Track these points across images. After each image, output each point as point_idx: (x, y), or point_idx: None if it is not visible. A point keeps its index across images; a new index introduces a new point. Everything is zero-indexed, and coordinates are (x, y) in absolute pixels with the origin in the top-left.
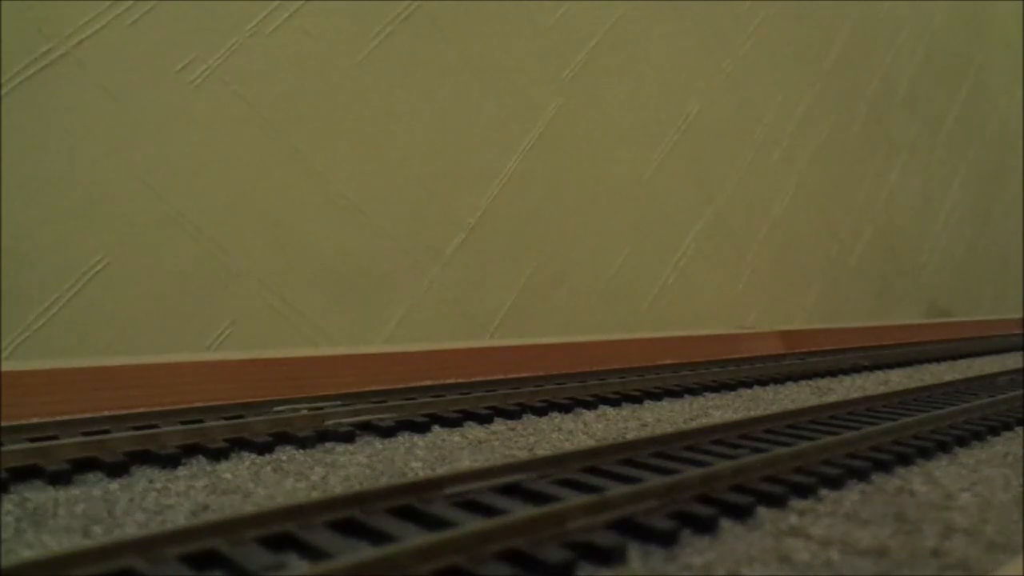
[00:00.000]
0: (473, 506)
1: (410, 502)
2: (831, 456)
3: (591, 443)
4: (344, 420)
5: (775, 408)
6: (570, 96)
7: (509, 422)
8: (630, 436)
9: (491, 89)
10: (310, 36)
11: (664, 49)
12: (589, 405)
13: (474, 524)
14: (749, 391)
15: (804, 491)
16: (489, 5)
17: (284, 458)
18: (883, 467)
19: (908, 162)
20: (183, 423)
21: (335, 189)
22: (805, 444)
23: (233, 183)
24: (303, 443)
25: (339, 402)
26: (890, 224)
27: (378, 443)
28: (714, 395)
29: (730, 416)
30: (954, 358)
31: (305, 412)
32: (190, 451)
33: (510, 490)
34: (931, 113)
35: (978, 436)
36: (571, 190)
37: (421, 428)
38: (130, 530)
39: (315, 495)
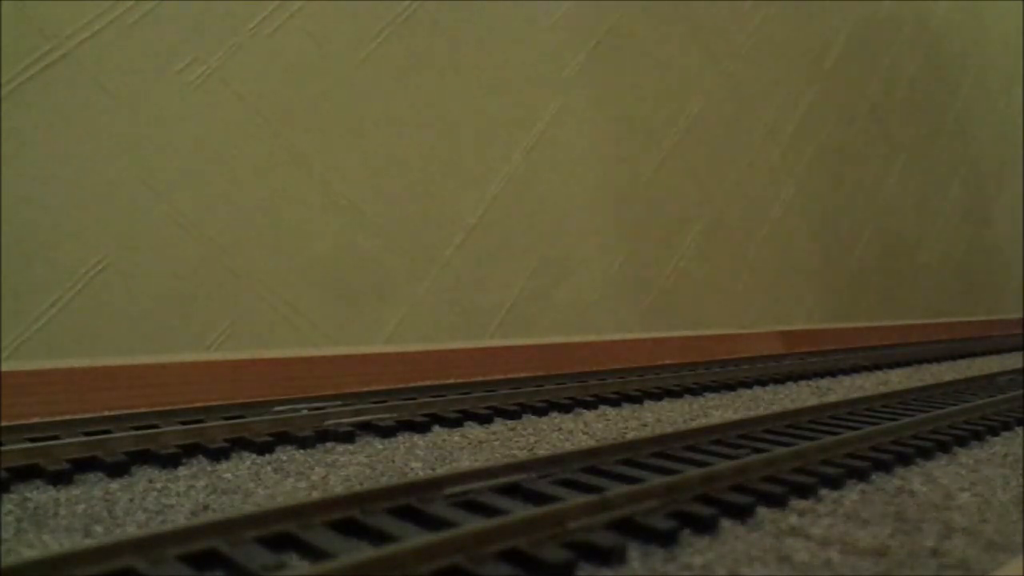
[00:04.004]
0: (473, 506)
1: (410, 502)
2: (831, 456)
3: (591, 443)
4: (344, 420)
5: (775, 408)
6: (570, 96)
7: (509, 422)
8: (630, 436)
9: (491, 89)
10: (310, 37)
11: (664, 49)
12: (589, 405)
13: (474, 524)
14: (749, 391)
15: (804, 491)
16: (489, 5)
17: (284, 458)
18: (883, 467)
19: (908, 162)
20: (183, 423)
21: (335, 189)
22: (805, 444)
23: (233, 183)
24: (303, 443)
25: (339, 402)
26: (890, 224)
27: (378, 443)
28: (714, 395)
29: (730, 416)
30: (954, 358)
31: (305, 412)
32: (190, 451)
33: (510, 490)
34: (931, 113)
35: (978, 436)
36: (571, 190)
37: (421, 428)
38: (131, 530)
39: (315, 495)
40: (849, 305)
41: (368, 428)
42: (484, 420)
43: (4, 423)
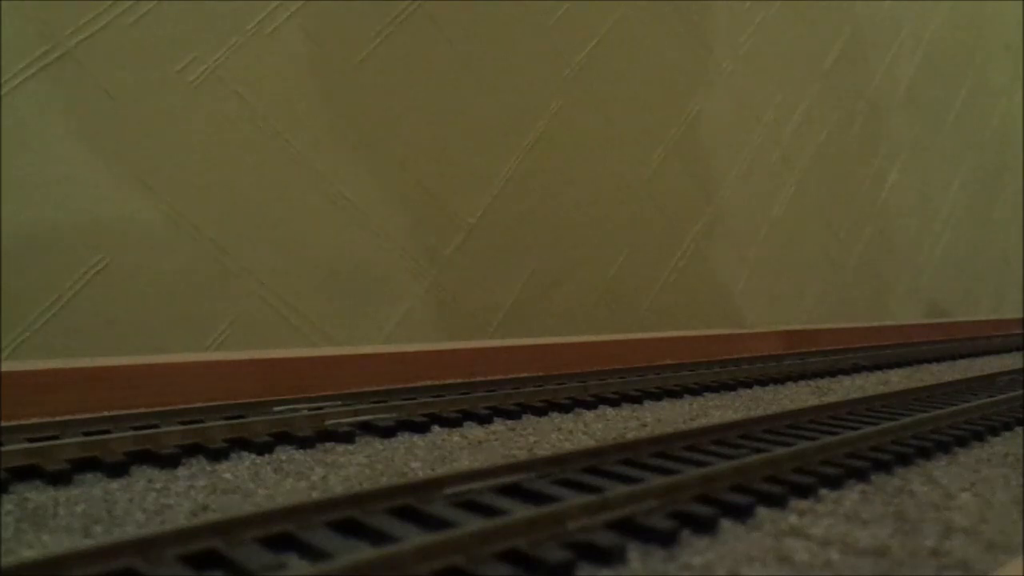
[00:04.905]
0: (473, 506)
1: (410, 502)
2: (831, 456)
3: (591, 443)
4: (344, 420)
5: (775, 408)
6: (570, 96)
7: (509, 422)
8: (630, 436)
9: (491, 89)
10: (310, 36)
11: (664, 49)
12: (589, 405)
13: (474, 524)
14: (749, 391)
15: (804, 491)
16: (489, 5)
17: (284, 458)
18: (883, 467)
19: (908, 162)
20: (183, 423)
21: (335, 189)
22: (805, 444)
23: (233, 183)
24: (303, 443)
25: (339, 402)
26: (890, 224)
27: (378, 443)
28: (714, 395)
29: (730, 416)
30: (954, 358)
31: (305, 412)
32: (190, 451)
33: (510, 490)
34: (931, 113)
35: (978, 436)
36: (571, 190)
37: (421, 428)
38: (130, 530)
39: (315, 495)
40: (849, 305)
41: (368, 428)
42: (484, 420)
43: (4, 423)
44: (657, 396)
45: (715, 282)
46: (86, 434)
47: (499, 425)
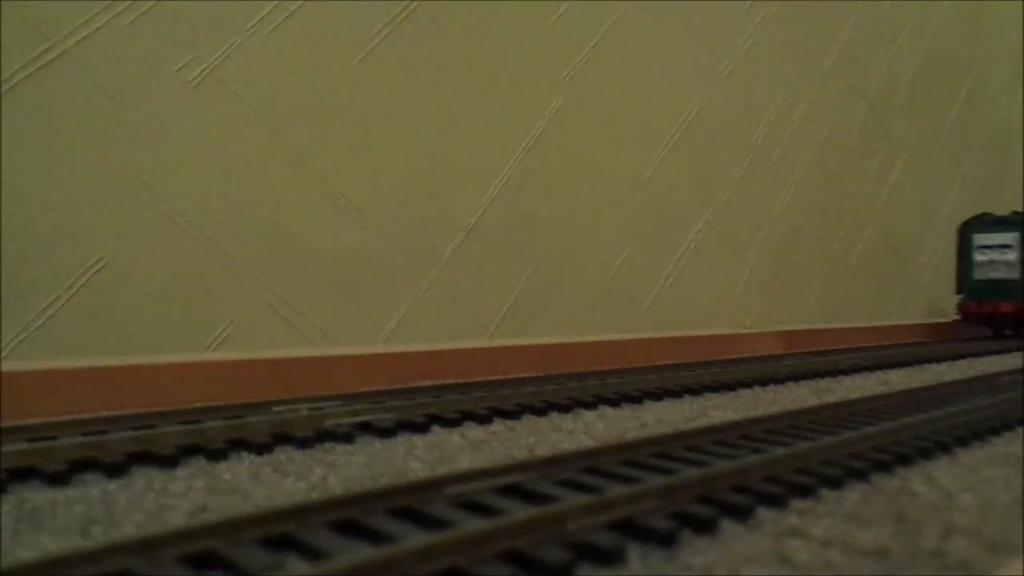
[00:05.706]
0: (473, 506)
1: (410, 502)
2: (831, 456)
3: (591, 443)
4: (344, 420)
5: (775, 408)
6: (570, 96)
7: (509, 422)
8: (630, 436)
9: (491, 89)
10: (309, 36)
11: (664, 49)
12: (589, 405)
13: (474, 524)
14: (749, 391)
15: (804, 491)
16: (489, 5)
17: (283, 458)
18: (883, 467)
19: (908, 162)
20: (182, 423)
21: (335, 189)
22: (805, 444)
23: (232, 183)
24: (303, 443)
25: (339, 402)
26: (890, 224)
27: (378, 443)
28: (714, 395)
29: (730, 416)
30: (954, 358)
31: (305, 412)
32: (189, 451)
33: (510, 490)
34: (931, 113)
35: (978, 436)
36: (571, 190)
37: (420, 428)
38: (129, 531)
39: (314, 495)
40: (849, 305)
41: (367, 428)
42: (484, 420)
43: (4, 423)
44: (657, 396)
45: (715, 282)
46: (85, 434)
47: (499, 425)
